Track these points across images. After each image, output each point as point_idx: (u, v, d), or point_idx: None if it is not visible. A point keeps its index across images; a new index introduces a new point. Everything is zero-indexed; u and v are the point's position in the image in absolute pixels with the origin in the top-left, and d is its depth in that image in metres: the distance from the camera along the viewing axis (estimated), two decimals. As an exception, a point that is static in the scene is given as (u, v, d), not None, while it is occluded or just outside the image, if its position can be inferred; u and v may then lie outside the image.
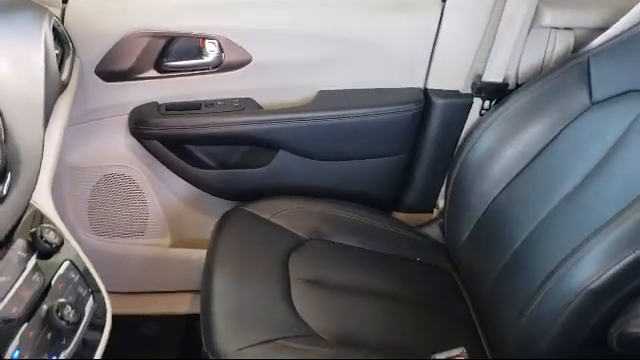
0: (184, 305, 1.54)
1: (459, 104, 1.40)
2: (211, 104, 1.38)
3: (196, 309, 1.34)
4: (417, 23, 1.35)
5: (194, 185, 1.46)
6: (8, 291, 0.65)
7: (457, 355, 0.93)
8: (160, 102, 1.37)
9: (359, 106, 1.39)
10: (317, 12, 1.34)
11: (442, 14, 1.33)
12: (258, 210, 1.32)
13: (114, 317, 1.28)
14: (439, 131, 1.42)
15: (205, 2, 1.32)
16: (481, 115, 1.38)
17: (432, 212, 1.54)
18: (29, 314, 0.65)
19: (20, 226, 0.73)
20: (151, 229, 1.51)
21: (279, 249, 1.23)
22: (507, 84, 1.36)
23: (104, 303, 0.76)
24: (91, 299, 0.74)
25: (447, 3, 1.32)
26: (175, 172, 1.43)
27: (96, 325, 0.73)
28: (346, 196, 1.45)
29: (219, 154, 1.43)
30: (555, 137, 1.18)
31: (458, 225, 1.31)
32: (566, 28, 1.35)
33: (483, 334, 1.15)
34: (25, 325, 0.64)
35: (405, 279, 1.25)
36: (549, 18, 1.33)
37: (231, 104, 1.38)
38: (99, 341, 0.72)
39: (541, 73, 1.31)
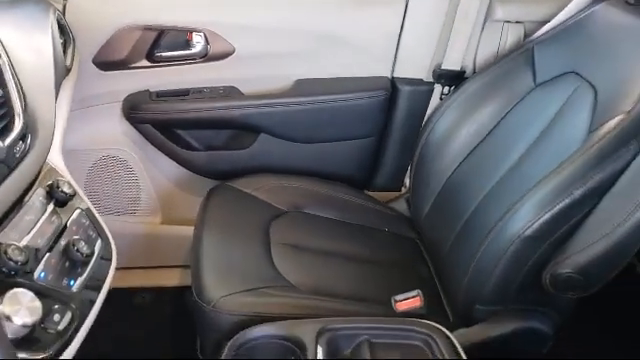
0: (174, 278, 1.67)
1: (422, 91, 1.55)
2: (198, 91, 1.52)
3: (185, 282, 1.48)
4: (384, 19, 1.51)
5: (183, 166, 1.60)
6: (32, 227, 0.78)
7: (413, 296, 1.07)
8: (152, 90, 1.51)
9: (332, 93, 1.53)
10: (294, 8, 1.48)
11: (405, 10, 1.49)
12: (242, 185, 1.46)
13: (110, 290, 1.42)
14: (405, 115, 1.57)
15: (192, -2, 1.46)
16: (441, 100, 1.53)
17: (400, 190, 1.69)
18: (51, 246, 0.79)
19: (39, 179, 0.86)
20: (143, 207, 1.64)
21: (261, 218, 1.36)
22: (464, 71, 1.51)
23: (110, 244, 0.90)
24: (99, 240, 0.88)
25: (409, 1, 1.47)
26: (165, 154, 1.57)
27: (104, 261, 0.87)
28: (322, 175, 1.59)
29: (205, 137, 1.57)
30: (504, 116, 1.33)
31: (421, 200, 1.45)
32: (517, 22, 1.51)
33: (442, 288, 1.30)
34: (48, 254, 0.78)
35: (374, 245, 1.39)
36: (501, 13, 1.49)
37: (216, 91, 1.52)
38: (107, 274, 0.85)
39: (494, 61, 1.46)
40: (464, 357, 0.95)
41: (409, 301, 1.06)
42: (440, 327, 1.00)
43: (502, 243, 1.03)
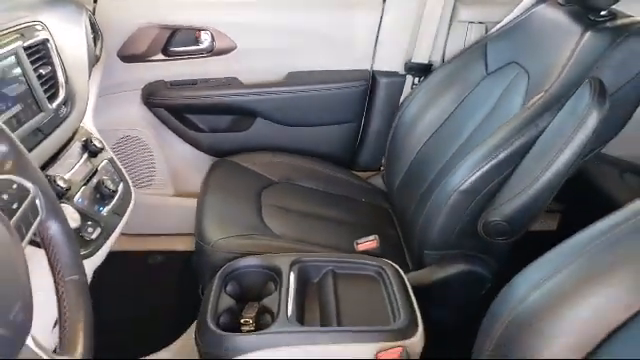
0: (183, 244, 1.91)
1: (397, 82, 1.81)
2: (205, 81, 1.79)
3: (192, 247, 1.73)
4: (364, 19, 1.76)
5: (191, 145, 1.86)
6: (72, 167, 1.05)
7: (371, 240, 1.31)
8: (166, 79, 1.78)
9: (320, 83, 1.79)
10: (288, 10, 1.74)
11: (382, 14, 1.74)
12: (240, 160, 1.72)
13: (127, 252, 1.67)
14: (382, 103, 1.82)
15: (200, 1, 1.73)
16: (412, 89, 1.78)
17: (380, 170, 1.93)
18: (86, 182, 1.05)
19: (77, 135, 1.13)
20: (157, 181, 1.90)
21: (255, 186, 1.62)
22: (431, 64, 1.76)
23: (129, 186, 1.16)
24: (122, 183, 1.14)
25: (386, 4, 1.73)
26: (177, 135, 1.84)
27: (126, 198, 1.13)
28: (310, 155, 1.84)
29: (210, 121, 1.84)
30: (462, 101, 1.57)
31: (393, 175, 1.69)
32: (479, 22, 1.75)
33: (404, 242, 1.54)
34: (84, 187, 1.04)
35: (350, 211, 1.63)
36: (465, 15, 1.74)
37: (220, 81, 1.79)
38: (128, 207, 1.11)
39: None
40: (408, 285, 1.19)
41: (367, 243, 1.30)
42: (391, 262, 1.24)
43: (443, 196, 1.28)
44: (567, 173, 1.16)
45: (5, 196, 0.64)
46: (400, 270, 1.22)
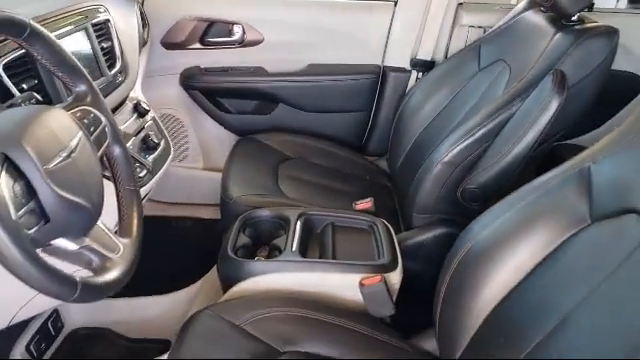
0: (209, 212, 2.17)
1: (404, 76, 2.05)
2: (235, 69, 2.05)
3: (217, 215, 1.98)
4: (378, 21, 2.01)
5: (221, 125, 2.13)
6: (126, 122, 1.32)
7: (367, 201, 1.55)
8: (202, 66, 2.05)
9: (336, 74, 2.04)
10: (311, 9, 2.00)
11: (393, 16, 1.99)
12: (261, 138, 1.98)
13: (159, 217, 1.90)
14: (390, 95, 2.06)
15: (235, -1, 2.00)
16: (416, 82, 2.02)
17: (386, 154, 2.17)
18: (136, 134, 1.32)
19: (128, 99, 1.40)
20: (189, 156, 2.17)
21: (273, 160, 1.87)
22: (434, 61, 2.00)
23: (169, 141, 1.42)
24: (163, 140, 1.41)
25: (397, 7, 1.98)
26: (209, 115, 2.11)
27: (165, 152, 1.39)
28: (324, 138, 2.09)
29: (238, 104, 2.10)
30: (456, 94, 1.80)
31: (395, 158, 1.92)
32: (479, 26, 1.99)
33: (400, 212, 1.77)
34: (134, 138, 1.30)
35: (356, 185, 1.86)
36: (466, 20, 1.98)
37: (248, 69, 2.06)
38: (168, 157, 1.37)
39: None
40: (394, 236, 1.42)
41: (364, 204, 1.55)
42: (382, 220, 1.48)
43: (430, 166, 1.51)
44: (531, 150, 1.38)
45: (86, 121, 0.90)
46: (389, 225, 1.46)
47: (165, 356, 1.19)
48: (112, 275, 0.80)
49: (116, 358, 1.50)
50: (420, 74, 2.02)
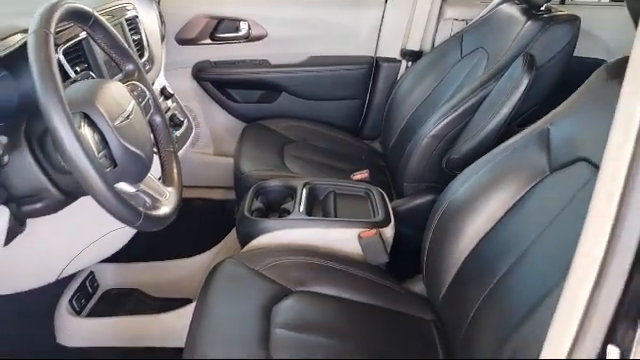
0: (219, 194, 2.38)
1: (394, 66, 2.27)
2: (242, 62, 2.27)
3: (226, 197, 2.19)
4: (370, 15, 2.23)
5: (229, 113, 2.34)
6: (155, 102, 1.53)
7: (363, 172, 1.77)
8: (211, 59, 2.26)
9: (333, 65, 2.26)
10: (310, 6, 2.22)
11: (384, 10, 2.21)
12: (267, 124, 2.19)
13: None
14: (382, 83, 2.28)
15: (241, -2, 2.22)
16: (405, 71, 2.24)
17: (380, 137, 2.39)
18: (162, 112, 1.53)
19: (155, 84, 1.61)
20: (201, 142, 2.38)
21: (278, 142, 2.08)
22: (422, 51, 2.22)
23: (191, 121, 1.64)
24: (186, 119, 1.62)
25: (387, 3, 2.20)
26: (218, 104, 2.32)
27: (188, 129, 1.60)
28: (322, 123, 2.31)
29: (245, 94, 2.32)
30: (440, 80, 2.01)
31: (388, 139, 2.14)
32: (462, 20, 2.21)
33: (392, 183, 1.99)
34: (160, 115, 1.51)
35: (353, 163, 2.07)
36: (450, 13, 2.20)
37: (254, 62, 2.27)
38: (190, 133, 1.59)
39: (439, 45, 2.16)
40: (387, 200, 1.63)
41: (360, 174, 1.76)
42: (377, 187, 1.69)
43: (418, 140, 1.72)
44: (505, 123, 1.60)
45: (135, 93, 1.12)
46: (383, 192, 1.67)
47: (193, 304, 1.39)
48: (163, 212, 1.01)
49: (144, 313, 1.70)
50: (409, 63, 2.24)
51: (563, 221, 1.10)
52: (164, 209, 1.01)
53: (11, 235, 1.02)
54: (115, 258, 1.69)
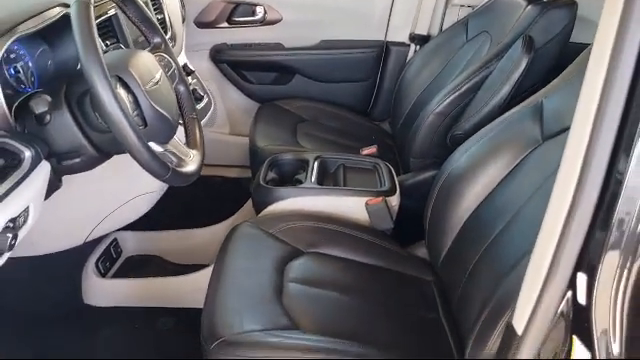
0: (235, 172, 2.49)
1: (404, 50, 2.36)
2: (258, 44, 2.37)
3: (242, 175, 2.30)
4: (381, 1, 2.33)
5: (244, 94, 2.45)
6: (180, 72, 1.64)
7: (371, 147, 1.87)
8: (228, 42, 2.37)
9: (345, 48, 2.36)
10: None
11: (393, -1, 2.31)
12: (281, 104, 2.30)
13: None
14: (392, 66, 2.38)
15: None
16: (414, 54, 2.33)
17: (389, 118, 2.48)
18: (186, 82, 1.63)
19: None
20: (217, 122, 2.49)
21: (292, 121, 2.19)
22: (429, 36, 2.31)
23: (210, 96, 1.74)
24: (205, 95, 1.73)
25: (396, -9, 2.30)
26: (234, 85, 2.43)
27: (207, 104, 1.71)
28: (334, 104, 2.41)
29: (260, 76, 2.43)
30: (447, 62, 2.11)
31: (397, 119, 2.23)
32: (468, 6, 2.29)
33: (399, 160, 2.09)
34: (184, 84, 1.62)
35: (362, 141, 2.15)
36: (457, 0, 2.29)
37: (269, 45, 2.38)
38: (210, 107, 1.69)
39: (446, 29, 2.25)
40: (394, 172, 1.73)
41: (369, 149, 1.86)
42: (384, 161, 1.79)
43: (424, 117, 1.82)
44: (505, 101, 1.69)
45: (162, 63, 1.23)
46: (390, 166, 1.77)
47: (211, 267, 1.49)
48: (188, 169, 1.12)
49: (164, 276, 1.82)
50: (418, 47, 2.33)
51: (551, 184, 1.19)
52: (189, 167, 1.12)
53: (50, 190, 1.13)
54: (137, 226, 1.82)
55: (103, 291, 1.75)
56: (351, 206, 1.58)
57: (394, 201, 1.60)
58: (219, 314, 1.16)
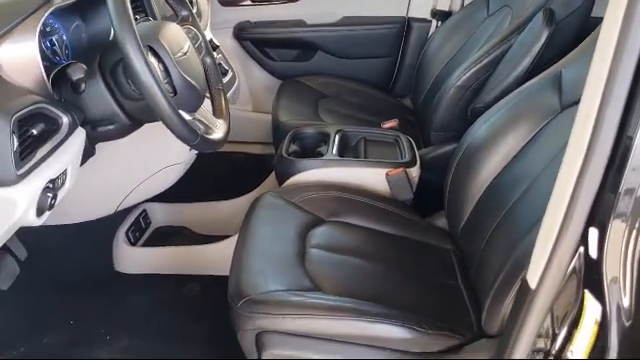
0: (258, 149, 2.54)
1: (425, 26, 2.38)
2: (280, 22, 2.41)
3: (265, 151, 2.34)
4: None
5: (267, 71, 2.49)
6: (206, 45, 1.68)
7: (393, 121, 1.90)
8: (251, 20, 2.41)
9: (366, 25, 2.38)
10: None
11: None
12: (303, 80, 2.34)
13: (216, 153, 2.22)
14: (413, 41, 2.40)
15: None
16: (435, 30, 2.35)
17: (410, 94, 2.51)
18: (212, 54, 1.68)
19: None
20: (240, 99, 2.53)
21: (313, 96, 2.23)
22: (451, 11, 2.32)
23: (234, 71, 1.79)
24: (230, 69, 1.77)
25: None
26: (257, 63, 2.47)
27: (232, 78, 1.76)
28: (355, 80, 2.44)
29: (282, 53, 2.47)
30: (468, 38, 2.12)
31: (418, 95, 2.25)
32: (488, -17, 2.29)
33: (420, 135, 2.12)
34: (210, 57, 1.67)
35: (383, 116, 2.19)
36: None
37: (291, 22, 2.41)
38: (235, 81, 1.74)
39: (467, 5, 2.26)
40: (414, 144, 1.76)
41: (390, 123, 1.89)
42: (405, 134, 1.82)
43: (446, 89, 1.84)
44: (526, 74, 1.70)
45: (190, 35, 1.27)
46: (411, 139, 1.80)
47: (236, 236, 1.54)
48: (215, 137, 1.17)
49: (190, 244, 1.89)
50: (439, 23, 2.34)
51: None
52: (216, 135, 1.17)
53: (85, 156, 1.20)
54: (165, 199, 1.89)
55: (133, 259, 1.82)
56: (371, 177, 1.62)
57: (414, 172, 1.63)
58: (245, 275, 1.22)
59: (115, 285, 1.78)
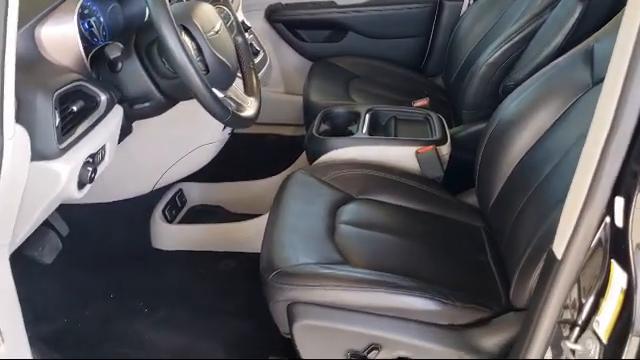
0: (290, 131, 2.56)
1: (457, 4, 2.36)
2: (311, 3, 2.42)
3: (297, 133, 2.37)
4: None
5: (299, 53, 2.51)
6: (238, 24, 1.71)
7: (424, 99, 1.91)
8: (283, 2, 2.43)
9: (398, 4, 2.38)
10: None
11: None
12: (334, 61, 2.35)
13: (249, 134, 2.24)
14: (445, 20, 2.38)
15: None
16: (468, 8, 2.33)
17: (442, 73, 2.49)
18: (243, 34, 1.71)
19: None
20: (272, 81, 2.55)
21: (344, 77, 2.24)
22: (483, -10, 2.30)
23: (265, 51, 1.81)
24: (261, 50, 1.80)
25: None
26: (289, 44, 2.49)
27: (263, 58, 1.78)
28: (387, 60, 2.44)
29: (313, 34, 2.48)
30: (501, 15, 2.09)
31: (450, 74, 2.24)
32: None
33: (452, 114, 2.11)
34: (242, 36, 1.69)
35: (414, 96, 2.20)
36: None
37: (322, 3, 2.42)
38: (267, 62, 1.76)
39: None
40: (444, 122, 1.77)
41: (421, 101, 1.90)
42: (437, 113, 1.82)
43: (477, 67, 1.83)
44: (558, 51, 1.68)
45: (222, 15, 1.30)
46: (442, 117, 1.80)
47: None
48: (247, 114, 1.20)
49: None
50: (472, 1, 2.32)
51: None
52: (247, 112, 1.20)
53: (123, 134, 1.24)
54: (200, 179, 1.94)
55: (170, 236, 1.88)
56: (401, 155, 1.63)
57: (445, 150, 1.64)
58: (276, 249, 1.25)
59: (152, 261, 1.84)
